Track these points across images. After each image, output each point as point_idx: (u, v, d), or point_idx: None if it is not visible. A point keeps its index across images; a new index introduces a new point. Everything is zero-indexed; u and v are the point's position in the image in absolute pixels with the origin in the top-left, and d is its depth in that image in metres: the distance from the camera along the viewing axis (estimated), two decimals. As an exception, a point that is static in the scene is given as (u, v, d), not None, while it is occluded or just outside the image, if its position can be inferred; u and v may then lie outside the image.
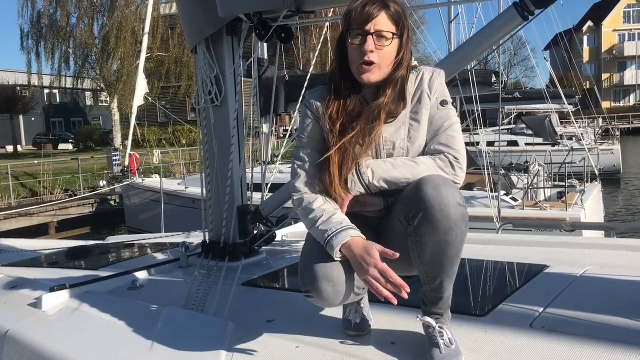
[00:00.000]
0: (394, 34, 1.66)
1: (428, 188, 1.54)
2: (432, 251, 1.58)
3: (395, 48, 1.68)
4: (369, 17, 1.63)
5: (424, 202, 1.54)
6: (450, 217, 1.53)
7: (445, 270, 1.62)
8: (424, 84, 1.73)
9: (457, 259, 1.62)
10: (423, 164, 1.68)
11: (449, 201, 1.53)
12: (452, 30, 15.96)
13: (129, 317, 2.25)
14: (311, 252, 1.66)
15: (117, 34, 25.87)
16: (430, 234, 1.55)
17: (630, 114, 47.24)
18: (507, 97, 17.57)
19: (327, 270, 1.59)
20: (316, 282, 1.59)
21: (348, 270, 1.61)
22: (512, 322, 1.89)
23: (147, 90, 12.21)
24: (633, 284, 2.28)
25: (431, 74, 1.75)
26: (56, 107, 42.41)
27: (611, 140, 21.42)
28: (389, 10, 1.65)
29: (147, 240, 4.44)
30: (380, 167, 1.68)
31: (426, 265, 1.63)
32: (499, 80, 8.73)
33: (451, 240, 1.56)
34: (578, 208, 7.76)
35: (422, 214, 1.55)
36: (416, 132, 1.72)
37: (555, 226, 5.38)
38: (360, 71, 1.67)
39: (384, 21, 1.64)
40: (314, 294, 1.61)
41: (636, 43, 55.04)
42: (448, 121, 1.72)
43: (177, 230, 5.16)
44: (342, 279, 1.60)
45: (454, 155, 1.69)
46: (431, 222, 1.54)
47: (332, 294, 1.60)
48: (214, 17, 2.86)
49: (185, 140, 26.99)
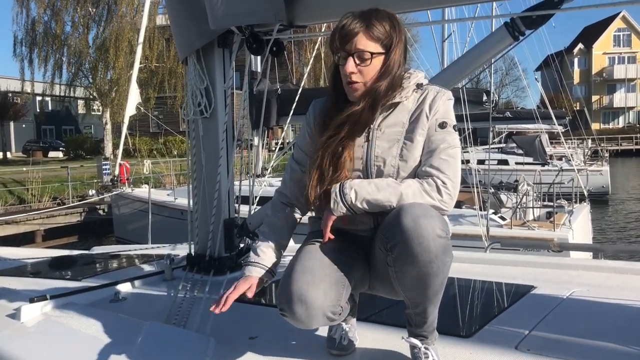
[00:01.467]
0: (374, 53, 1.65)
1: (407, 219, 1.49)
2: (412, 282, 1.56)
3: (379, 65, 1.67)
4: (348, 37, 1.63)
5: (401, 234, 1.50)
6: (430, 250, 1.49)
7: (428, 299, 1.60)
8: (425, 103, 1.70)
9: (440, 287, 1.59)
10: (408, 188, 1.61)
11: (428, 234, 1.48)
12: (445, 48, 16.11)
13: (110, 330, 2.21)
14: (292, 269, 1.64)
15: (116, 44, 25.88)
16: (409, 266, 1.52)
17: (619, 135, 47.74)
18: (498, 116, 17.69)
19: (302, 292, 1.56)
20: (290, 302, 1.57)
21: (324, 296, 1.58)
22: (497, 344, 1.87)
23: (139, 100, 12.17)
24: (620, 307, 2.26)
25: (435, 93, 1.71)
26: (48, 115, 42.18)
27: (600, 162, 21.59)
28: (370, 29, 1.64)
29: (133, 252, 4.39)
30: (364, 188, 1.62)
31: (408, 293, 1.61)
32: (490, 99, 8.80)
33: (432, 272, 1.52)
34: (566, 228, 7.78)
35: (399, 246, 1.51)
36: (409, 151, 1.68)
37: (543, 246, 5.39)
38: (348, 90, 1.69)
39: (363, 41, 1.64)
40: (287, 313, 1.59)
41: (625, 66, 55.77)
42: (444, 144, 1.65)
43: (165, 241, 5.11)
44: (316, 304, 1.56)
45: (442, 180, 1.61)
46: (409, 254, 1.50)
47: (304, 317, 1.57)
48: (205, 29, 2.85)
49: (176, 150, 26.94)
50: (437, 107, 1.69)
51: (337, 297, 1.61)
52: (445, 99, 1.71)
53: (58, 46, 27.19)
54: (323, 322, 1.63)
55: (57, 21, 27.00)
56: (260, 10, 2.67)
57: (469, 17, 14.69)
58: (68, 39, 27.33)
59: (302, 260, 1.65)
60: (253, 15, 2.71)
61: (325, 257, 1.66)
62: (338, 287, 1.63)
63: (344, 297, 1.64)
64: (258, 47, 2.84)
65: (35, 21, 27.17)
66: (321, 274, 1.61)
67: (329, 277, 1.62)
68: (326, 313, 1.59)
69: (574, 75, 54.74)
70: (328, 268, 1.63)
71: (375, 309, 2.28)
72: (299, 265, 1.63)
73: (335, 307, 1.61)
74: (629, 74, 55.40)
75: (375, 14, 1.66)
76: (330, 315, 1.61)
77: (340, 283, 1.64)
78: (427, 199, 1.60)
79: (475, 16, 13.56)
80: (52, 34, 27.02)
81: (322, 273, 1.61)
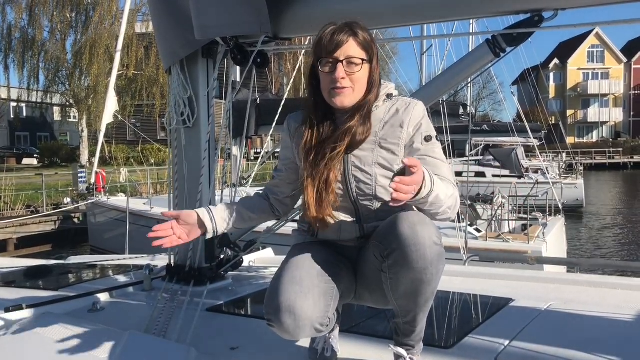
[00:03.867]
0: (364, 59, 1.68)
1: (404, 227, 1.52)
2: (406, 289, 1.57)
3: (366, 73, 1.70)
4: (338, 44, 1.65)
5: (399, 241, 1.52)
6: (426, 257, 1.51)
7: (419, 306, 1.62)
8: (399, 113, 1.73)
9: (431, 295, 1.61)
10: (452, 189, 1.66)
11: (425, 241, 1.51)
12: (424, 61, 16.29)
13: (88, 340, 2.17)
14: (280, 280, 1.64)
15: (91, 51, 25.61)
16: (405, 273, 1.54)
17: (592, 149, 48.63)
18: (475, 129, 17.91)
19: (291, 303, 1.56)
20: (279, 313, 1.57)
21: (313, 307, 1.58)
22: (476, 356, 1.89)
23: (117, 108, 12.05)
24: (596, 320, 2.31)
25: (407, 104, 1.74)
26: (22, 121, 41.48)
27: (575, 175, 21.95)
28: (357, 37, 1.67)
29: (110, 261, 4.34)
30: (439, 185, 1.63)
31: (400, 300, 1.62)
32: (467, 112, 8.92)
33: (426, 279, 1.54)
34: (539, 241, 7.87)
35: (396, 253, 1.53)
36: (384, 159, 1.70)
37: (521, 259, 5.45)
38: (332, 95, 1.68)
39: (353, 48, 1.67)
40: (275, 324, 1.59)
41: (599, 82, 56.99)
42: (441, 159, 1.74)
43: (141, 250, 5.04)
44: (305, 315, 1.57)
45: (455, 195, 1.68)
46: (406, 261, 1.52)
47: (292, 328, 1.57)
48: (189, 39, 2.85)
49: (154, 159, 26.68)
50: (413, 117, 1.71)
51: (325, 308, 1.62)
52: (419, 109, 1.74)
53: (35, 52, 26.82)
54: (311, 333, 1.63)
55: (35, 26, 26.66)
56: (245, 22, 2.68)
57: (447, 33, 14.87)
58: (45, 45, 26.99)
59: (290, 271, 1.65)
60: (238, 26, 2.72)
61: (313, 268, 1.67)
62: (327, 297, 1.63)
63: (332, 308, 1.65)
64: (242, 58, 2.84)
65: (12, 26, 26.79)
66: (309, 284, 1.61)
67: (318, 287, 1.62)
68: (314, 324, 1.59)
69: (549, 90, 55.81)
70: (316, 279, 1.64)
71: (356, 320, 2.29)
72: (287, 275, 1.64)
73: (324, 319, 1.62)
74: (603, 89, 56.61)
75: (357, 25, 1.70)
76: (318, 326, 1.61)
77: (329, 294, 1.65)
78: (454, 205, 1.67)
79: (453, 32, 13.74)
80: (29, 39, 26.65)
81: (311, 284, 1.62)
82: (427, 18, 2.76)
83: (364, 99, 1.71)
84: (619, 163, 46.25)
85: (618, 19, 2.33)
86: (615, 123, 57.48)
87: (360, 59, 1.67)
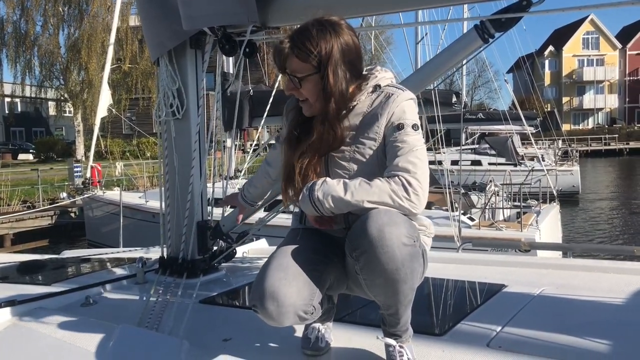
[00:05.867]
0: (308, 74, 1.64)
1: (371, 228, 1.49)
2: (380, 289, 1.57)
3: (314, 84, 1.65)
4: (280, 62, 1.66)
5: (366, 243, 1.50)
6: (396, 259, 1.49)
7: (399, 302, 1.61)
8: (379, 105, 1.69)
9: (410, 291, 1.59)
10: (376, 187, 1.56)
11: (392, 242, 1.48)
12: (418, 50, 16.25)
13: (81, 334, 2.17)
14: (267, 266, 1.64)
15: (87, 45, 25.47)
16: (376, 274, 1.53)
17: (588, 136, 48.69)
18: (470, 118, 17.92)
19: (275, 289, 1.56)
20: (263, 299, 1.57)
21: (296, 294, 1.58)
22: (469, 342, 1.90)
23: (111, 102, 12.00)
24: (588, 304, 2.31)
25: (389, 95, 1.69)
26: (17, 116, 41.34)
27: (570, 162, 21.99)
28: (297, 51, 1.63)
29: (104, 255, 4.32)
30: (333, 186, 1.60)
31: (378, 297, 1.62)
32: (460, 101, 8.89)
33: (400, 278, 1.53)
34: (533, 228, 7.88)
35: (365, 255, 1.52)
36: (360, 154, 1.69)
37: (514, 246, 5.47)
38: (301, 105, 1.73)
39: (292, 63, 1.65)
40: (259, 309, 1.59)
41: (594, 68, 56.99)
42: (406, 147, 1.61)
43: (137, 244, 5.04)
44: (288, 301, 1.56)
45: (408, 179, 1.56)
46: (376, 263, 1.50)
47: (275, 314, 1.57)
48: (176, 29, 2.82)
49: (149, 152, 26.64)
50: (390, 109, 1.65)
51: (309, 296, 1.61)
52: (400, 100, 1.67)
53: (28, 46, 26.67)
54: (294, 321, 1.62)
55: (28, 21, 26.49)
56: (232, 12, 2.66)
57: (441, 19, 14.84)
58: (38, 39, 26.83)
59: (277, 258, 1.66)
60: (226, 16, 2.70)
61: (300, 256, 1.66)
62: (311, 286, 1.63)
63: (316, 296, 1.64)
64: (230, 48, 2.82)
65: (4, 20, 26.62)
66: (295, 271, 1.61)
67: (303, 275, 1.62)
68: (297, 312, 1.59)
69: (544, 77, 55.80)
70: (303, 266, 1.63)
71: (348, 309, 2.29)
72: (274, 262, 1.64)
73: (308, 307, 1.61)
74: (598, 76, 56.61)
75: (306, 33, 1.63)
76: (301, 314, 1.60)
77: (314, 282, 1.64)
78: (395, 198, 1.55)
79: (448, 19, 13.73)
80: (22, 33, 26.49)
81: (296, 271, 1.61)
82: (417, 4, 2.74)
83: (326, 108, 1.66)
84: (614, 149, 46.33)
85: (607, 2, 2.31)
86: (611, 109, 57.56)
87: (301, 75, 1.64)
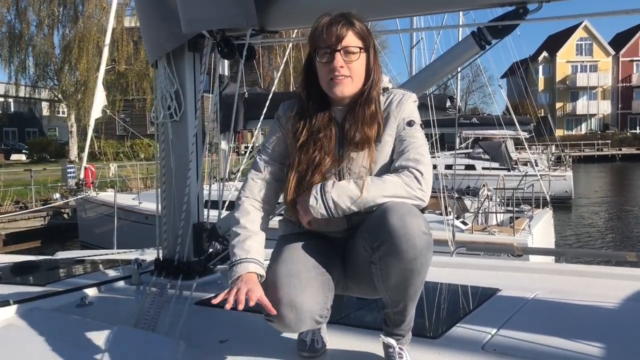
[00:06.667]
0: (361, 48, 1.69)
1: (393, 218, 1.53)
2: (397, 279, 1.59)
3: (364, 62, 1.71)
4: (335, 34, 1.66)
5: (389, 232, 1.53)
6: (416, 247, 1.53)
7: (409, 296, 1.63)
8: (392, 105, 1.75)
9: (421, 285, 1.63)
10: (390, 182, 1.62)
11: (414, 231, 1.53)
12: (413, 55, 16.30)
13: (76, 335, 2.17)
14: (276, 274, 1.63)
15: (80, 45, 25.37)
16: (395, 264, 1.55)
17: (581, 142, 48.90)
18: (464, 122, 17.96)
19: (292, 297, 1.56)
20: (279, 307, 1.56)
21: (312, 300, 1.59)
22: (464, 345, 1.91)
23: (105, 103, 11.96)
24: (580, 308, 2.34)
25: (401, 96, 1.77)
26: (10, 116, 41.08)
27: (563, 167, 22.09)
28: (354, 27, 1.68)
29: (98, 256, 4.32)
30: (346, 187, 1.62)
31: (390, 291, 1.63)
32: (454, 105, 8.92)
33: (416, 269, 1.56)
34: (525, 233, 7.91)
35: (387, 244, 1.54)
36: (378, 152, 1.71)
37: (507, 250, 5.50)
38: (332, 85, 1.68)
39: (350, 37, 1.67)
40: (275, 318, 1.58)
41: (587, 74, 57.23)
42: (416, 141, 1.69)
43: (130, 246, 5.03)
44: (306, 308, 1.57)
45: (420, 170, 1.63)
46: (397, 252, 1.53)
47: (293, 322, 1.57)
48: (175, 32, 2.83)
49: (143, 154, 26.55)
50: (403, 108, 1.74)
51: (324, 300, 1.63)
52: (411, 101, 1.77)
53: (22, 46, 26.55)
54: (311, 326, 1.64)
55: (22, 21, 26.38)
56: (232, 15, 2.67)
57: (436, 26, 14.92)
58: (32, 40, 26.72)
59: (285, 264, 1.64)
60: (225, 19, 2.71)
61: (309, 261, 1.67)
62: (324, 290, 1.64)
63: (330, 299, 1.66)
64: (229, 51, 2.83)
65: (-2, 21, 26.52)
66: (307, 277, 1.61)
67: (315, 280, 1.63)
68: (314, 317, 1.60)
69: (538, 83, 55.97)
70: (313, 271, 1.64)
71: (345, 311, 2.30)
72: (283, 269, 1.63)
73: (323, 310, 1.63)
74: (591, 82, 56.86)
75: (353, 15, 1.71)
76: (318, 318, 1.62)
77: (326, 286, 1.66)
78: (409, 190, 1.61)
79: (443, 25, 13.80)
80: (17, 34, 26.37)
81: (308, 276, 1.62)
82: (414, 10, 2.76)
83: (368, 93, 1.72)
84: (607, 155, 46.54)
85: (602, 11, 2.34)
86: (604, 115, 57.80)
87: (357, 48, 1.68)
